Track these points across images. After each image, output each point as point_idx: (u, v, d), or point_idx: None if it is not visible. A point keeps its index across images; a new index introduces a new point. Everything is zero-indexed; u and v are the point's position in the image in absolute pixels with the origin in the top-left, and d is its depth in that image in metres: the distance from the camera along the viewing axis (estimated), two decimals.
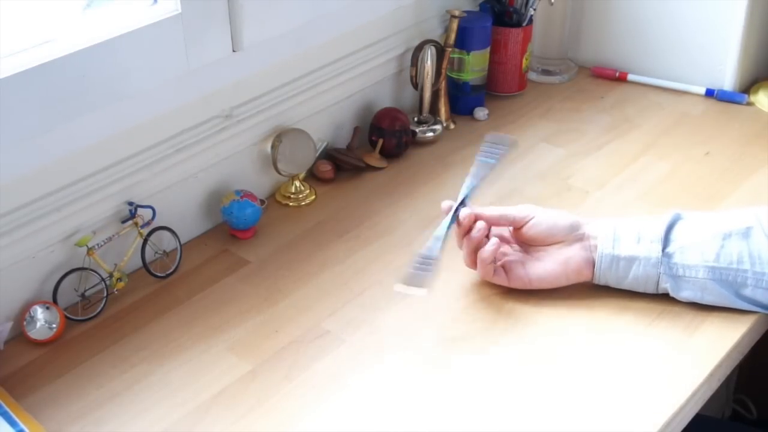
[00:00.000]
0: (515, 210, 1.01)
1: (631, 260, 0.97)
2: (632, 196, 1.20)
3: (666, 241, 0.97)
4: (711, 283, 0.96)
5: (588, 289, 1.02)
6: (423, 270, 0.96)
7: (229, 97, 1.13)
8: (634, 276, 0.97)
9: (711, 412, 1.62)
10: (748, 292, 0.96)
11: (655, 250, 0.96)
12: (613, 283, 0.99)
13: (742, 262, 0.95)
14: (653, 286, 0.98)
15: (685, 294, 0.97)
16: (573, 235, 0.99)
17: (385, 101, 1.36)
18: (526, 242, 1.02)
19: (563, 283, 1.00)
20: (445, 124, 1.37)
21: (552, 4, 1.45)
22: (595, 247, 0.98)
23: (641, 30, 1.47)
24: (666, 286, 0.97)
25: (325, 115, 1.27)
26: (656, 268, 0.96)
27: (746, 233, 0.96)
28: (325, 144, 1.27)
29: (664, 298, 0.99)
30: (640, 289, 0.99)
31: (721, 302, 0.97)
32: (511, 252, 1.03)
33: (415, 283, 0.96)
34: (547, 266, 1.00)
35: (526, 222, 1.00)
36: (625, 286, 0.99)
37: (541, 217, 1.00)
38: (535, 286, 1.00)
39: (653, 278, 0.97)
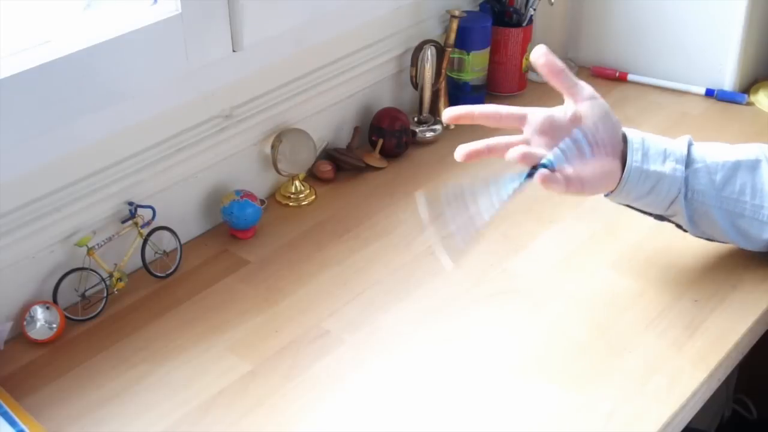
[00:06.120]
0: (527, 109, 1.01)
1: (657, 177, 0.96)
2: None
3: (688, 161, 0.98)
4: (714, 210, 0.98)
5: (588, 288, 1.02)
6: (464, 239, 0.87)
7: (229, 97, 1.13)
8: (656, 192, 0.97)
9: (711, 412, 1.62)
10: (744, 223, 0.98)
11: (680, 170, 0.97)
12: (632, 198, 0.98)
13: (744, 193, 0.97)
14: (666, 205, 0.98)
15: (687, 214, 0.98)
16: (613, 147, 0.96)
17: (385, 101, 1.36)
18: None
19: (598, 189, 0.97)
20: (445, 124, 1.37)
21: (552, 4, 1.45)
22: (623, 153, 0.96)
23: (641, 30, 1.47)
24: (677, 207, 0.98)
25: (325, 115, 1.27)
26: (677, 188, 0.97)
27: (754, 165, 0.98)
28: (325, 144, 1.27)
29: (664, 296, 0.99)
30: (650, 208, 1.00)
31: (716, 231, 0.99)
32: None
33: (453, 252, 0.89)
34: (591, 168, 0.94)
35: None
36: (640, 204, 0.99)
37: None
38: (587, 189, 0.94)
39: (671, 197, 0.97)
